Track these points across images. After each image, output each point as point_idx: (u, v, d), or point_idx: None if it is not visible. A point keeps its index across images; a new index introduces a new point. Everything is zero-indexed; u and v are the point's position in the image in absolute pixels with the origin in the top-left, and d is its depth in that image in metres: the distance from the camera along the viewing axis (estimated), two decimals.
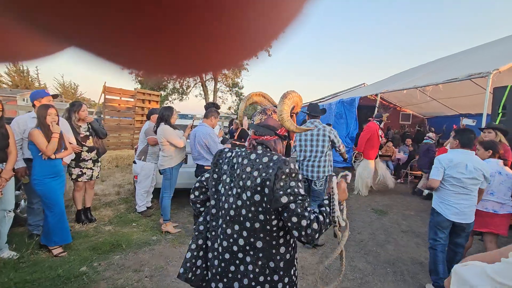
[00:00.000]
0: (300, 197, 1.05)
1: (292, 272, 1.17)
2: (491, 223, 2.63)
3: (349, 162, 8.34)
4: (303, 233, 1.03)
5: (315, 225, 1.05)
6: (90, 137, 3.44)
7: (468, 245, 2.80)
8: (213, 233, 1.21)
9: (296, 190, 1.06)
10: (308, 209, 1.07)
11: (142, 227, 3.54)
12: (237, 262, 1.12)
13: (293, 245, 1.20)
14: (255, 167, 1.10)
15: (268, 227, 1.09)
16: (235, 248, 1.12)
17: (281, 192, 1.03)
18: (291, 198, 1.04)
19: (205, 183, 1.32)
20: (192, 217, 3.50)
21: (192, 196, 1.36)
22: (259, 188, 1.07)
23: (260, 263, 1.09)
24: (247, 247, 1.10)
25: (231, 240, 1.13)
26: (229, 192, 1.15)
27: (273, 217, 1.08)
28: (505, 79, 4.24)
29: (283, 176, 1.05)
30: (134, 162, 3.84)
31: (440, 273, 2.45)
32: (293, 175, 1.07)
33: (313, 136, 3.29)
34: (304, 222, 1.03)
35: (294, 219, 1.03)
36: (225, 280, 1.15)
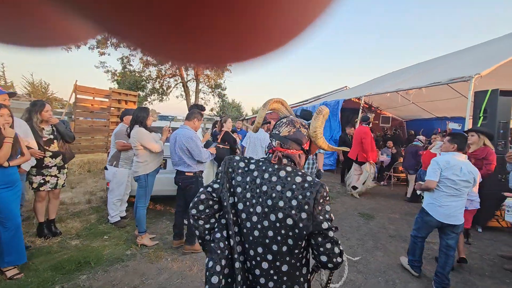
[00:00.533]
0: (332, 223, 1.05)
1: None
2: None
3: (333, 165, 8.36)
4: (334, 260, 1.03)
5: (344, 257, 1.06)
6: (55, 140, 3.07)
7: None
8: (233, 252, 1.10)
9: (331, 215, 1.05)
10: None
11: (114, 240, 3.20)
12: (259, 287, 1.05)
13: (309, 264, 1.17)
14: (287, 187, 1.03)
15: (296, 250, 1.03)
16: (257, 272, 1.05)
17: (321, 218, 1.01)
18: (329, 224, 1.02)
19: (214, 195, 1.13)
20: (171, 228, 3.21)
21: (194, 211, 1.13)
22: (293, 212, 1.00)
23: (284, 286, 1.04)
24: (271, 271, 1.03)
25: (254, 262, 1.05)
26: (251, 210, 1.05)
27: (303, 241, 1.03)
28: (484, 83, 4.34)
29: (321, 200, 1.02)
30: (106, 168, 3.48)
31: (416, 256, 2.75)
32: (327, 198, 1.05)
33: None
34: (336, 250, 1.03)
35: (329, 246, 1.02)
36: None
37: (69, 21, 0.15)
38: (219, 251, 1.08)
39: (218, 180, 1.14)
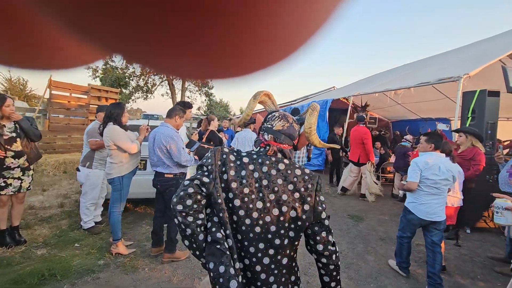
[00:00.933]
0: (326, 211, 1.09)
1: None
2: (448, 215, 2.84)
3: (321, 165, 8.29)
4: (329, 247, 1.06)
5: (336, 247, 1.09)
6: (18, 139, 2.76)
7: None
8: (232, 252, 1.04)
9: (325, 204, 1.09)
10: None
11: (86, 248, 2.91)
12: (259, 284, 1.01)
13: None
14: (288, 180, 1.04)
15: (296, 242, 1.06)
16: (258, 268, 1.01)
17: (320, 208, 1.05)
18: (326, 212, 1.07)
19: (203, 189, 1.01)
20: (150, 234, 2.96)
21: (180, 207, 0.98)
22: (297, 204, 1.02)
23: (283, 279, 1.05)
24: (272, 266, 1.02)
25: (254, 259, 1.01)
26: (250, 206, 1.01)
27: (303, 232, 1.07)
28: (472, 83, 4.33)
29: (320, 191, 1.07)
30: (78, 169, 3.19)
31: (403, 257, 2.79)
32: (322, 189, 1.09)
33: None
34: (330, 238, 1.07)
35: (324, 234, 1.06)
36: None
37: (76, 44, 0.14)
38: (228, 252, 0.99)
39: (206, 173, 1.03)
